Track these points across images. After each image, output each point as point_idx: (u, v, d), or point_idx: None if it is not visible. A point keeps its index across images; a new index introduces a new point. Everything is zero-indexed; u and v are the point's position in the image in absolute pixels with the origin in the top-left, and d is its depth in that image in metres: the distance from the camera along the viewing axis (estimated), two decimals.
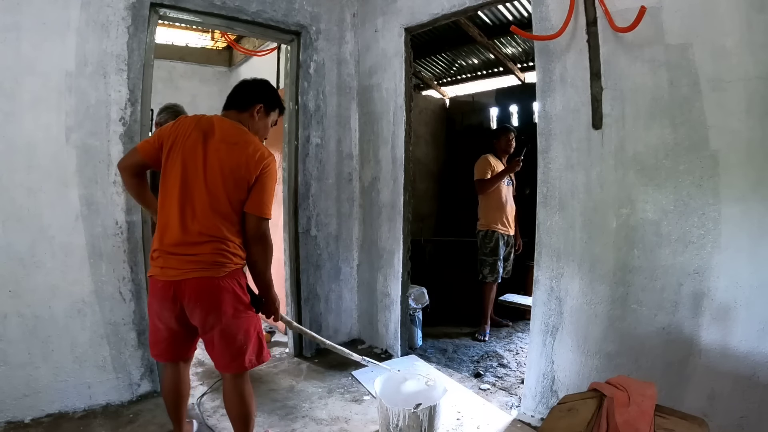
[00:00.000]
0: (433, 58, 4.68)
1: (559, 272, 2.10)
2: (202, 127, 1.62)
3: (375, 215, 3.12)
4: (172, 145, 1.60)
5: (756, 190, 1.56)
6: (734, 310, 1.60)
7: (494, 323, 3.62)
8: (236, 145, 1.61)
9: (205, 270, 1.55)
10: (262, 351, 1.71)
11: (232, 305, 1.59)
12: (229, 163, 1.58)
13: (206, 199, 1.56)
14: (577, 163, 2.02)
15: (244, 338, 1.64)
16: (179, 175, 1.58)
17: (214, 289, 1.56)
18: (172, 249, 1.56)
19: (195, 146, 1.59)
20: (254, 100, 1.73)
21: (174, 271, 1.55)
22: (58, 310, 2.13)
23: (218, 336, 1.61)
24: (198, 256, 1.55)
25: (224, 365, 1.67)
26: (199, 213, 1.56)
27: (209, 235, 1.56)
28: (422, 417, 1.90)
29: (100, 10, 2.18)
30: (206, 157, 1.59)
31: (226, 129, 1.64)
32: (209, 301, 1.56)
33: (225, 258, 1.58)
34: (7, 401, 2.03)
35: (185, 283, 1.54)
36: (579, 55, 1.98)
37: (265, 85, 1.79)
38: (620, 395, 1.40)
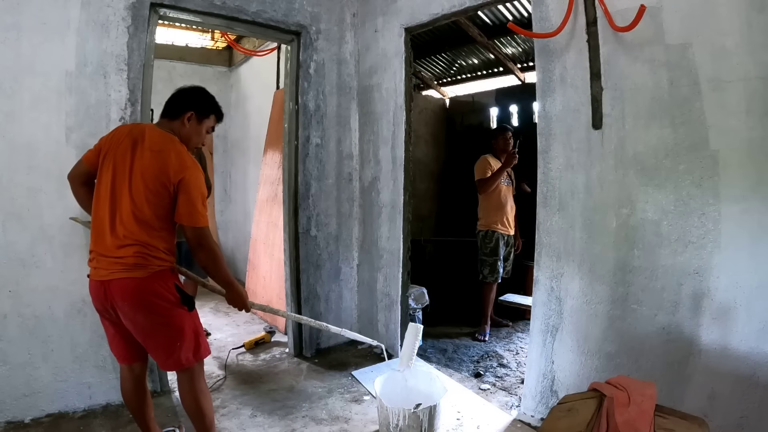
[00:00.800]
0: (433, 58, 4.68)
1: (559, 272, 2.10)
2: (133, 135, 1.68)
3: (375, 215, 3.12)
4: (106, 153, 1.67)
5: (756, 189, 1.56)
6: (734, 310, 1.60)
7: (494, 323, 3.62)
8: (160, 153, 1.64)
9: (128, 271, 1.59)
10: (199, 348, 1.73)
11: (158, 305, 1.63)
12: (151, 171, 1.62)
13: (130, 205, 1.61)
14: (577, 163, 2.02)
15: (177, 335, 1.66)
16: (109, 181, 1.64)
17: (137, 289, 1.60)
18: (102, 251, 1.62)
19: (125, 153, 1.65)
20: (185, 108, 1.77)
21: (104, 272, 1.61)
22: (58, 310, 2.13)
23: (148, 335, 1.65)
24: (122, 258, 1.59)
25: (162, 363, 1.72)
26: (125, 218, 1.61)
27: (132, 239, 1.60)
28: (422, 417, 1.90)
29: (100, 10, 2.18)
30: (132, 165, 1.63)
31: (153, 137, 1.68)
32: (134, 300, 1.60)
33: (146, 260, 1.61)
34: (7, 401, 2.04)
35: (112, 283, 1.60)
36: (579, 55, 1.98)
37: (197, 92, 1.84)
38: (620, 395, 1.40)
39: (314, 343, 3.07)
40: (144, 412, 1.82)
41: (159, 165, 1.62)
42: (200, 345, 1.73)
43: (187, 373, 1.72)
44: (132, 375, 1.78)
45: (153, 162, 1.62)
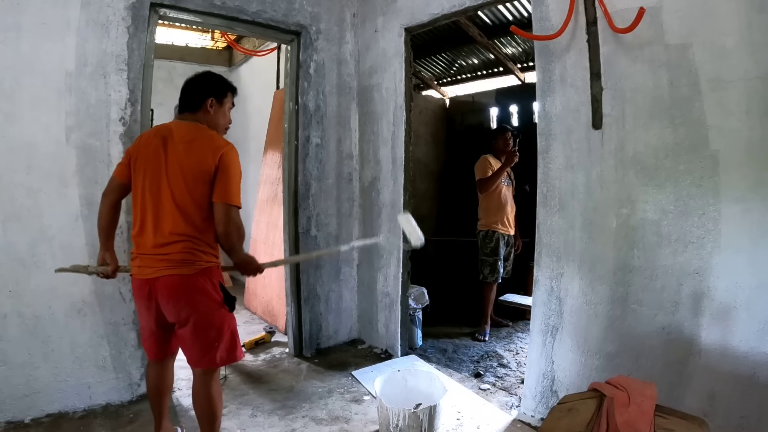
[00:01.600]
0: (433, 58, 4.68)
1: (559, 272, 2.10)
2: (161, 134, 1.69)
3: (375, 215, 3.12)
4: (136, 158, 1.70)
5: (756, 190, 1.56)
6: (734, 310, 1.60)
7: (494, 323, 3.62)
8: (193, 142, 1.66)
9: (174, 268, 1.61)
10: (235, 349, 1.74)
11: (202, 301, 1.64)
12: (189, 161, 1.63)
13: (171, 201, 1.62)
14: (577, 163, 2.02)
15: (216, 335, 1.68)
16: (147, 181, 1.66)
17: (184, 285, 1.62)
18: (146, 250, 1.64)
19: (157, 153, 1.66)
20: (204, 96, 1.76)
21: (149, 270, 1.63)
22: (58, 310, 2.13)
23: (190, 330, 1.65)
24: (169, 255, 1.61)
25: (195, 360, 1.70)
26: (168, 214, 1.62)
27: (178, 234, 1.61)
28: (422, 417, 1.90)
29: (100, 10, 2.18)
30: (167, 160, 1.65)
31: (182, 130, 1.69)
32: (180, 296, 1.62)
33: (194, 256, 1.63)
34: (7, 401, 2.04)
35: (158, 281, 1.61)
36: (579, 55, 1.98)
37: (208, 78, 1.82)
38: (620, 395, 1.40)
39: (314, 343, 3.07)
40: (163, 399, 1.87)
41: (195, 153, 1.64)
42: (236, 347, 1.75)
43: (213, 375, 1.73)
44: (161, 370, 1.83)
45: (188, 152, 1.64)
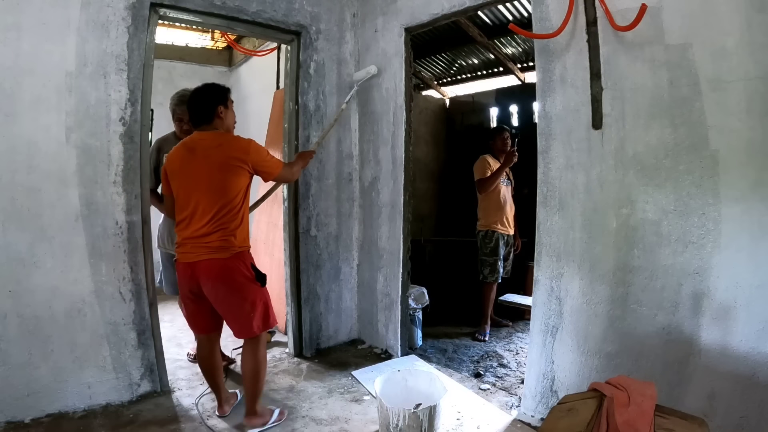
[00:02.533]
0: (433, 58, 4.68)
1: (559, 272, 2.10)
2: (187, 147, 2.01)
3: (375, 215, 3.12)
4: (172, 172, 2.03)
5: (756, 190, 1.56)
6: (734, 310, 1.60)
7: (494, 323, 3.62)
8: (221, 146, 1.98)
9: (213, 253, 1.93)
10: (268, 318, 2.06)
11: (237, 279, 1.96)
12: (221, 161, 1.95)
13: (209, 199, 1.94)
14: (577, 163, 2.02)
15: (251, 307, 1.99)
16: (186, 186, 1.98)
17: (221, 267, 1.94)
18: (189, 239, 1.97)
19: (189, 162, 1.98)
20: (212, 107, 2.04)
21: (192, 255, 1.95)
22: (58, 310, 2.13)
23: (228, 306, 1.99)
24: (209, 243, 1.94)
25: (237, 331, 2.04)
26: (206, 210, 1.94)
27: (215, 226, 1.94)
28: (422, 417, 1.90)
29: (100, 10, 2.18)
30: (200, 166, 1.95)
31: (206, 139, 2.00)
32: (218, 276, 1.94)
33: (228, 243, 1.96)
34: (7, 401, 2.03)
35: (199, 264, 1.94)
36: (579, 55, 1.98)
37: (210, 89, 2.08)
38: (620, 395, 1.40)
39: (314, 343, 3.07)
40: (216, 374, 2.18)
41: (226, 154, 1.96)
42: (269, 316, 2.06)
43: (254, 341, 2.05)
44: (209, 342, 2.14)
45: (219, 155, 1.95)
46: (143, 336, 2.35)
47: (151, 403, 2.31)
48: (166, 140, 2.69)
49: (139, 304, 2.33)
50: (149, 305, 2.37)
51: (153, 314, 2.39)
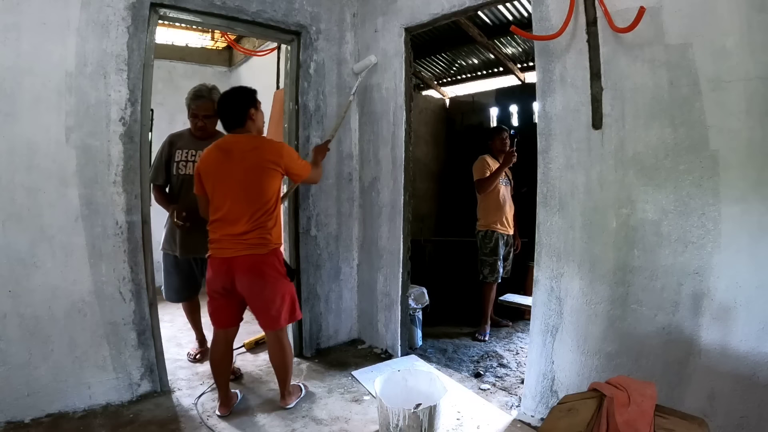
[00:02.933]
0: (433, 58, 4.68)
1: (559, 272, 2.10)
2: (222, 149, 2.12)
3: (375, 215, 3.12)
4: (206, 173, 2.13)
5: (756, 189, 1.56)
6: (734, 310, 1.60)
7: (494, 323, 3.62)
8: (256, 149, 2.10)
9: (251, 249, 2.07)
10: (295, 311, 2.23)
11: (271, 275, 2.11)
12: (258, 164, 2.08)
13: (247, 199, 2.07)
14: (577, 163, 2.02)
15: (281, 301, 2.15)
16: (223, 188, 2.09)
17: (258, 262, 2.08)
18: (227, 237, 2.08)
19: (224, 164, 2.09)
20: (244, 111, 2.15)
21: (229, 251, 2.07)
22: (58, 310, 2.13)
23: (262, 300, 2.12)
24: (247, 240, 2.06)
25: (266, 323, 2.18)
26: (245, 210, 2.07)
27: (253, 224, 2.07)
28: (422, 417, 1.90)
29: (100, 10, 2.18)
30: (238, 168, 2.07)
31: (241, 141, 2.12)
32: (254, 271, 2.07)
33: (265, 240, 2.10)
34: (7, 401, 2.03)
35: (237, 259, 2.06)
36: (579, 55, 1.98)
37: (241, 93, 2.19)
38: (620, 395, 1.40)
39: (314, 343, 3.07)
40: (226, 371, 2.26)
41: (262, 157, 2.09)
42: (295, 309, 2.24)
43: (280, 333, 2.21)
44: (226, 338, 2.22)
45: (255, 158, 2.08)
46: (143, 336, 2.35)
47: (151, 403, 2.31)
48: (180, 135, 2.67)
49: (139, 304, 2.33)
50: (149, 305, 2.37)
51: (153, 314, 2.39)
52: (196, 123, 2.60)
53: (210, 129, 2.64)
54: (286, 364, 2.26)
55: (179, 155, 2.60)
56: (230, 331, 2.24)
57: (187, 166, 2.58)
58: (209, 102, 2.55)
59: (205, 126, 2.61)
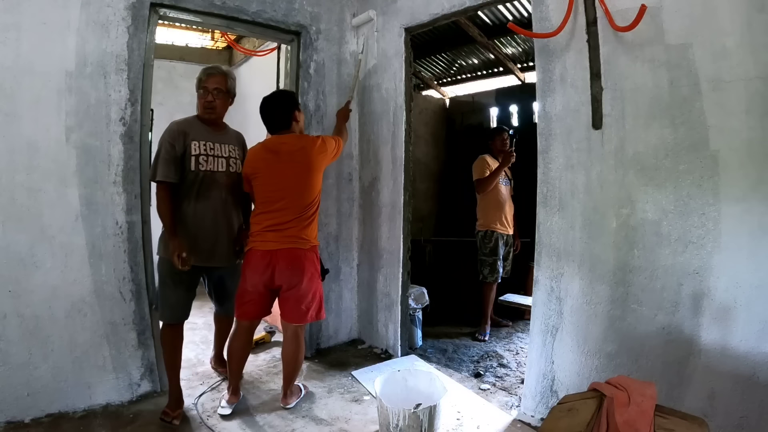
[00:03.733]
0: (433, 58, 4.68)
1: (559, 272, 2.10)
2: (271, 150, 2.20)
3: (375, 215, 3.12)
4: (254, 172, 2.20)
5: (756, 189, 1.56)
6: (734, 310, 1.60)
7: (494, 323, 3.62)
8: (304, 148, 2.21)
9: (294, 243, 2.16)
10: (321, 310, 2.30)
11: (309, 270, 2.19)
12: (307, 162, 2.19)
13: (296, 197, 2.16)
14: (577, 163, 2.02)
15: (312, 297, 2.22)
16: (272, 186, 2.17)
17: (300, 256, 2.16)
18: (271, 229, 2.15)
19: (275, 164, 2.17)
20: (289, 112, 2.26)
21: (272, 244, 2.14)
22: (58, 310, 2.13)
23: (296, 293, 2.17)
24: (290, 235, 2.15)
25: (296, 317, 2.21)
26: (293, 207, 2.16)
27: (297, 221, 2.16)
28: (422, 417, 1.90)
29: (100, 10, 2.18)
30: (287, 168, 2.16)
31: (289, 142, 2.22)
32: (296, 264, 2.15)
33: (306, 237, 2.19)
34: (7, 401, 2.03)
35: (280, 252, 2.14)
36: (579, 55, 1.98)
37: (284, 96, 2.34)
38: (620, 395, 1.40)
39: (314, 343, 3.07)
40: (243, 362, 2.33)
41: (309, 155, 2.19)
42: (321, 308, 2.30)
43: (300, 329, 2.28)
44: (248, 329, 2.27)
45: (303, 157, 2.19)
46: (143, 336, 2.35)
47: (151, 403, 2.31)
48: (190, 124, 2.21)
49: (139, 304, 2.33)
50: (149, 305, 2.37)
51: (153, 314, 2.39)
52: (205, 98, 2.21)
53: (219, 110, 2.27)
54: (298, 360, 2.31)
55: (196, 147, 2.16)
56: (255, 322, 2.30)
57: (208, 161, 2.19)
58: (221, 76, 2.25)
59: (215, 103, 2.22)
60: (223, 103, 2.29)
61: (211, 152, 2.22)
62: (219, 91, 2.24)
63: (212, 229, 2.21)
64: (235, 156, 2.31)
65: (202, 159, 2.18)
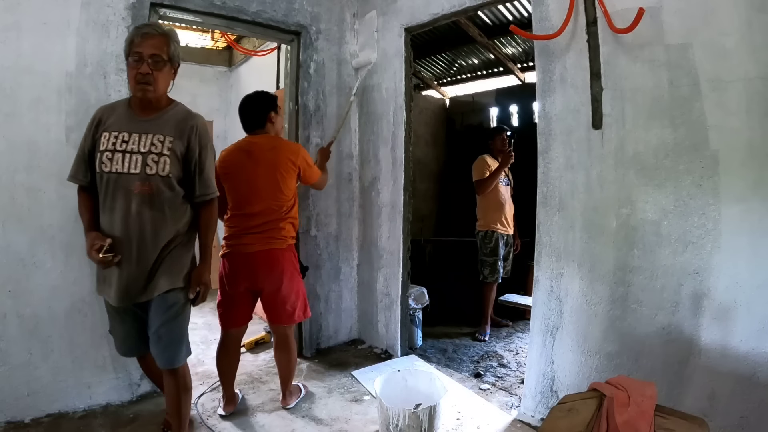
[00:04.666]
0: (433, 58, 4.68)
1: (559, 272, 2.10)
2: (243, 150, 2.19)
3: (375, 215, 3.12)
4: (226, 172, 2.15)
5: (756, 190, 1.56)
6: (734, 310, 1.60)
7: (494, 323, 3.62)
8: (275, 149, 2.18)
9: (271, 244, 2.14)
10: (306, 308, 2.30)
11: (289, 270, 2.18)
12: (275, 164, 2.15)
13: (269, 197, 2.13)
14: (577, 163, 2.02)
15: (296, 297, 2.21)
16: (241, 184, 2.14)
17: (277, 256, 2.15)
18: (247, 231, 2.13)
19: (245, 164, 2.15)
20: (264, 113, 2.23)
21: (251, 246, 2.12)
22: (58, 310, 2.13)
23: (280, 294, 2.16)
24: (266, 235, 2.13)
25: (284, 319, 2.20)
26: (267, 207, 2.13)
27: (272, 220, 2.14)
28: (422, 417, 1.90)
29: (100, 10, 2.18)
30: (259, 168, 2.13)
31: (261, 143, 2.20)
32: (275, 265, 2.13)
33: (283, 236, 2.18)
34: (7, 401, 2.03)
35: (258, 254, 2.12)
36: (579, 55, 1.98)
37: (263, 97, 2.26)
38: (620, 395, 1.40)
39: (314, 343, 3.07)
40: (234, 370, 2.28)
41: (279, 157, 2.16)
42: (307, 306, 2.30)
43: (290, 330, 2.26)
44: (236, 339, 2.25)
45: (274, 158, 2.15)
46: None
47: (151, 403, 2.31)
48: (113, 109, 1.69)
49: None
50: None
51: None
52: (138, 68, 1.58)
53: (158, 87, 1.62)
54: (292, 362, 2.29)
55: (105, 141, 1.60)
56: (242, 329, 2.27)
57: (113, 159, 1.58)
58: (161, 38, 1.61)
59: (151, 76, 1.59)
60: (164, 76, 1.64)
61: (121, 147, 1.58)
62: (157, 60, 1.60)
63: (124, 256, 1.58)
64: (161, 151, 1.59)
65: (106, 157, 1.58)
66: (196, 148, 1.67)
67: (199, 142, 1.68)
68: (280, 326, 2.23)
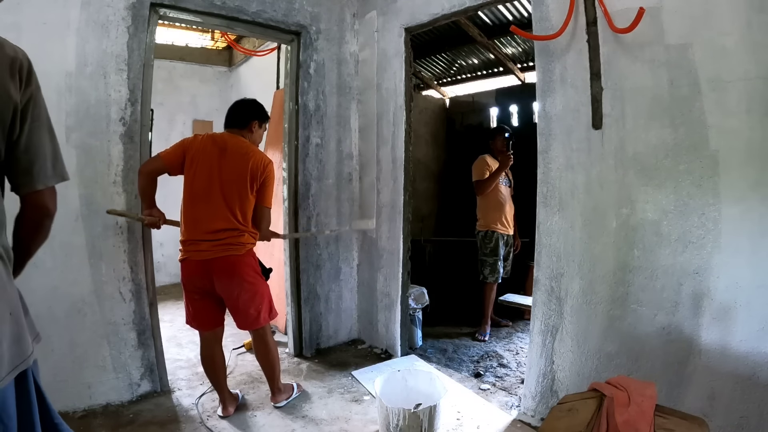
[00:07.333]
0: (433, 58, 4.68)
1: (559, 272, 2.10)
2: (218, 144, 2.12)
3: (375, 215, 3.12)
4: (193, 158, 2.09)
5: (756, 190, 1.56)
6: (734, 310, 1.60)
7: (494, 323, 3.62)
8: (245, 155, 2.12)
9: (228, 250, 2.07)
10: (272, 310, 2.25)
11: (249, 274, 2.13)
12: (240, 170, 2.09)
13: (224, 200, 2.07)
14: (577, 163, 2.02)
15: (260, 299, 2.17)
16: (204, 182, 2.07)
17: (236, 263, 2.09)
18: (202, 237, 2.05)
19: (213, 159, 2.08)
20: (250, 118, 2.23)
21: (206, 253, 2.05)
22: (58, 310, 2.13)
23: (240, 300, 2.11)
24: (223, 240, 2.06)
25: (249, 323, 2.18)
26: (222, 209, 2.06)
27: (231, 225, 2.07)
28: (422, 417, 1.90)
29: (100, 10, 2.18)
30: (222, 167, 2.08)
31: (236, 143, 2.15)
32: (233, 272, 2.08)
33: (241, 241, 2.11)
34: None
35: (215, 261, 2.05)
36: (579, 55, 1.98)
37: (255, 105, 2.27)
38: (620, 395, 1.40)
39: (314, 343, 3.07)
40: (220, 373, 2.23)
41: (247, 164, 2.10)
42: (272, 308, 2.26)
43: (262, 331, 2.23)
44: (215, 339, 2.21)
45: (241, 163, 2.10)
46: (143, 336, 2.35)
47: (151, 403, 2.31)
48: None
49: (139, 304, 2.33)
50: (149, 305, 2.37)
51: (153, 314, 2.39)
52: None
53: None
54: (272, 361, 2.27)
55: None
56: (218, 331, 2.22)
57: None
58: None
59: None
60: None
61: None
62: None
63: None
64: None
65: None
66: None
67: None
68: (252, 331, 2.22)
